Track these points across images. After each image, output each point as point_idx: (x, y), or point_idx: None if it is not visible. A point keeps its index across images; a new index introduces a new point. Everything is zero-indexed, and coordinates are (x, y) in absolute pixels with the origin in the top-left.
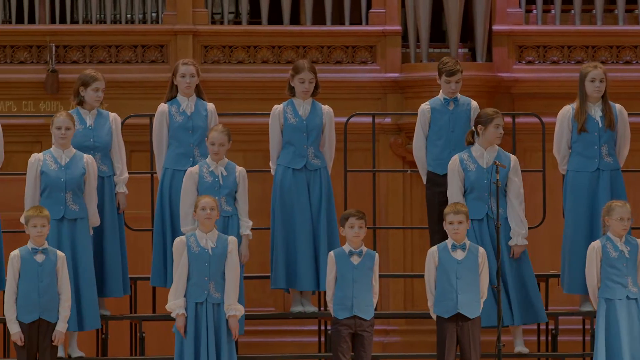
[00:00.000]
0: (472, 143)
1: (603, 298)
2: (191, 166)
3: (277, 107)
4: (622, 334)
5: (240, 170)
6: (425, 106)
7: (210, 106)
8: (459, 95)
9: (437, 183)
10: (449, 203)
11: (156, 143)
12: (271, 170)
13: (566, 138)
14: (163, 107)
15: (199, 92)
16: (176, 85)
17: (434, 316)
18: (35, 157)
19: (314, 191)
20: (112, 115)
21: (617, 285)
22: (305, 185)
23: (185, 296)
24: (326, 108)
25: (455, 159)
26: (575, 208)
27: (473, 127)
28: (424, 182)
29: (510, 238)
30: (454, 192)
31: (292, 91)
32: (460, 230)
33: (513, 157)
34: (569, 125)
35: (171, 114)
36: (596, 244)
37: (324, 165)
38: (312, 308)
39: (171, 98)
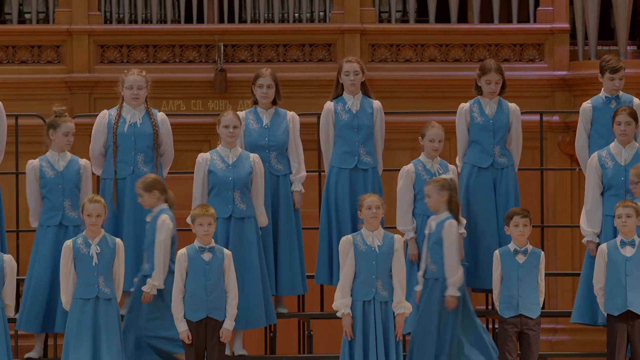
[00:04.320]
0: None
1: None
2: (357, 165)
3: (464, 106)
4: None
5: (452, 169)
6: (586, 105)
7: (376, 104)
8: (620, 93)
9: None
10: (585, 199)
11: (323, 141)
12: (457, 167)
13: None
14: (329, 105)
15: (365, 90)
16: (342, 84)
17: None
18: (203, 157)
19: (500, 190)
20: (290, 114)
21: None
22: (491, 184)
23: (352, 295)
24: (513, 106)
25: (594, 156)
26: None
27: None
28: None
29: None
30: (590, 189)
31: (479, 90)
32: (629, 223)
33: None
34: None
35: (337, 112)
36: None
37: (511, 163)
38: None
39: (337, 96)
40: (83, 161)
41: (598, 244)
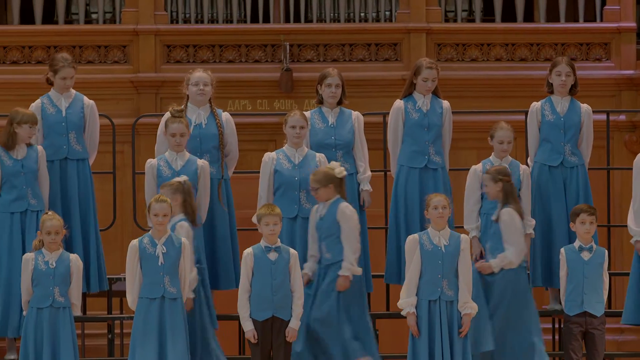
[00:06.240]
0: None
1: None
2: (427, 164)
3: (535, 104)
4: None
5: (524, 169)
6: None
7: (446, 104)
8: None
9: None
10: (633, 198)
11: (391, 139)
12: (529, 167)
13: None
14: (399, 103)
15: (434, 90)
16: (415, 83)
17: None
18: (269, 156)
19: (570, 189)
20: (355, 114)
21: None
22: (561, 182)
23: (417, 294)
24: (585, 106)
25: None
26: None
27: None
28: None
29: None
30: (637, 188)
31: (550, 87)
32: None
33: None
34: None
35: (407, 111)
36: None
37: (582, 162)
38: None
39: (408, 95)
40: (201, 162)
41: None
